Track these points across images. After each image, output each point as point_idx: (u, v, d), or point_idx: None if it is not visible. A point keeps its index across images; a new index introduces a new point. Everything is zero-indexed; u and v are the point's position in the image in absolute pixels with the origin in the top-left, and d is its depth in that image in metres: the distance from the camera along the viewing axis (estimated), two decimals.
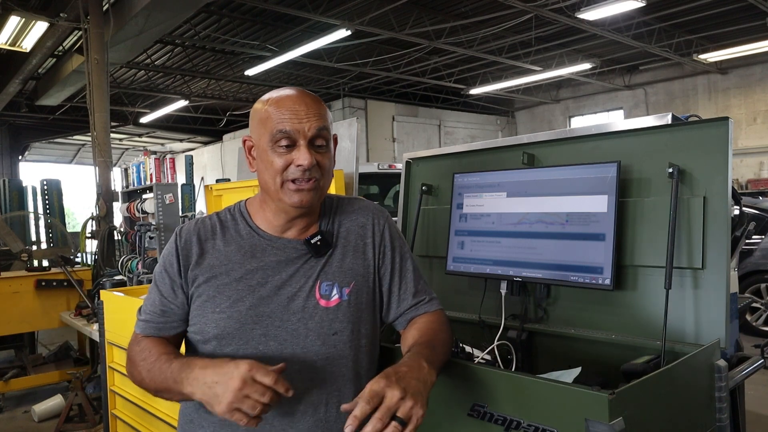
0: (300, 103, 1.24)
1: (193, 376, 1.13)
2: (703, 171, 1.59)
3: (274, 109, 1.24)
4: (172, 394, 1.20)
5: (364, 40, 11.09)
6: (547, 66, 13.14)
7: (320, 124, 1.24)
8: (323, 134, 1.25)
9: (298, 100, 1.24)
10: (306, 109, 1.23)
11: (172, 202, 4.76)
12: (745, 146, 13.81)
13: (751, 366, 1.64)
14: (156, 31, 8.39)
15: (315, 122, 1.23)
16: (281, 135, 1.22)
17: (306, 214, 1.30)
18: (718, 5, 10.39)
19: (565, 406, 1.13)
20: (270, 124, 1.23)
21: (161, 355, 1.23)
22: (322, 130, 1.24)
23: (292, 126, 1.22)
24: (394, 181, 7.00)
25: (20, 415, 4.56)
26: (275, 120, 1.23)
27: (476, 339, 1.97)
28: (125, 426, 2.83)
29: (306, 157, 1.21)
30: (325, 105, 1.30)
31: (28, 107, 14.32)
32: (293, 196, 1.24)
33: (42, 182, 7.87)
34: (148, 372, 1.23)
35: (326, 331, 1.27)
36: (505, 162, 2.06)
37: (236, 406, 1.06)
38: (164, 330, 1.30)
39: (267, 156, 1.24)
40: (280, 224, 1.31)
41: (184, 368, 1.15)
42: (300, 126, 1.22)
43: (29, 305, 4.71)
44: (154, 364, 1.22)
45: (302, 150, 1.22)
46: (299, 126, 1.22)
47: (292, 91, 1.27)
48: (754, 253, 6.45)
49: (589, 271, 1.67)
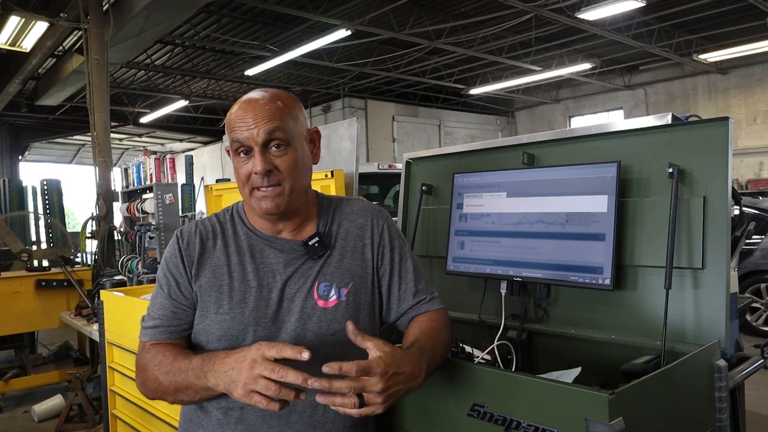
0: (249, 110, 1.22)
1: (216, 367, 1.12)
2: (703, 171, 1.59)
3: (231, 118, 1.25)
4: (195, 391, 1.17)
5: (364, 40, 11.09)
6: (547, 66, 13.14)
7: (270, 127, 1.21)
8: (276, 135, 1.22)
9: (246, 106, 1.23)
10: (254, 114, 1.21)
11: (172, 202, 4.76)
12: (745, 146, 13.82)
13: (751, 366, 1.64)
14: (156, 31, 8.39)
15: (264, 126, 1.21)
16: (237, 144, 1.23)
17: (289, 216, 1.30)
18: (718, 5, 10.39)
19: (565, 406, 1.13)
20: (229, 134, 1.25)
21: (178, 356, 1.21)
22: (274, 131, 1.21)
23: (241, 134, 1.22)
24: (394, 181, 7.00)
25: (20, 415, 4.56)
26: (230, 130, 1.24)
27: (476, 339, 1.97)
28: (125, 426, 2.83)
29: (258, 163, 1.21)
30: (288, 101, 1.26)
31: (28, 107, 14.31)
32: (261, 203, 1.24)
33: (42, 182, 7.88)
34: (167, 374, 1.20)
35: (324, 332, 1.27)
36: (505, 162, 2.06)
37: (251, 388, 1.04)
38: (176, 333, 1.28)
39: (234, 164, 1.26)
40: (269, 227, 1.32)
41: (206, 362, 1.15)
42: (249, 133, 1.21)
43: (29, 305, 4.71)
44: (173, 365, 1.20)
45: (256, 156, 1.21)
46: (248, 133, 1.21)
47: (248, 96, 1.27)
48: (754, 253, 6.45)
49: (589, 271, 1.67)
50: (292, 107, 1.26)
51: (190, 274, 1.28)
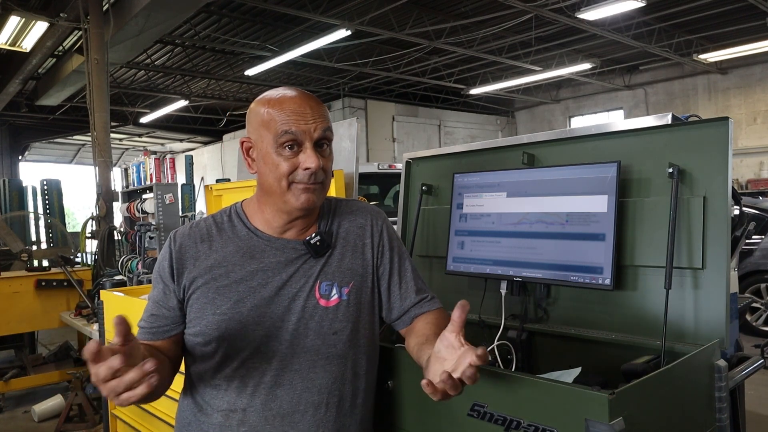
0: (305, 105, 1.23)
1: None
2: (703, 171, 1.59)
3: (277, 110, 1.22)
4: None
5: (364, 40, 11.09)
6: (547, 66, 13.14)
7: (325, 125, 1.24)
8: (327, 135, 1.25)
9: (302, 101, 1.23)
10: (311, 111, 1.23)
11: (172, 202, 4.77)
12: (745, 146, 13.82)
13: (751, 366, 1.64)
14: (156, 31, 8.39)
15: (321, 123, 1.23)
16: (287, 137, 1.21)
17: (307, 214, 1.30)
18: (718, 5, 10.39)
19: (565, 406, 1.13)
20: (273, 126, 1.22)
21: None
22: (327, 131, 1.25)
23: (298, 127, 1.21)
24: (394, 181, 7.00)
25: (20, 415, 4.56)
26: (279, 121, 1.21)
27: (476, 339, 1.97)
28: (125, 426, 2.83)
29: (314, 160, 1.21)
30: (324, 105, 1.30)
31: (28, 107, 14.31)
32: (300, 196, 1.23)
33: (42, 182, 7.88)
34: None
35: (326, 331, 1.27)
36: (505, 162, 2.06)
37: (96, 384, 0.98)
38: (157, 334, 1.28)
39: (271, 158, 1.23)
40: (280, 225, 1.30)
41: None
42: (306, 127, 1.21)
43: (29, 305, 4.71)
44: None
45: (309, 153, 1.21)
46: (305, 127, 1.21)
47: (293, 92, 1.26)
48: (754, 253, 6.45)
49: (589, 271, 1.67)
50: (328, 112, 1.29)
51: (179, 279, 1.28)
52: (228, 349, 1.24)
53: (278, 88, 1.29)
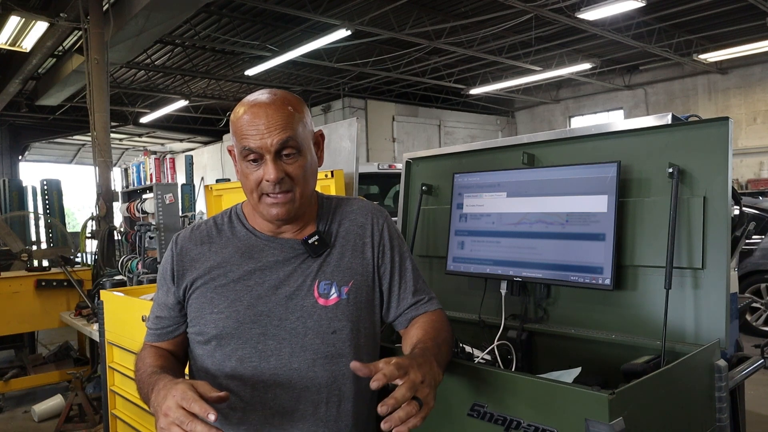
0: (260, 117, 1.20)
1: (153, 396, 1.10)
2: (703, 171, 1.59)
3: (238, 124, 1.22)
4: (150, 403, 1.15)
5: (364, 40, 11.09)
6: (547, 66, 13.14)
7: (283, 137, 1.20)
8: (289, 144, 1.21)
9: (259, 112, 1.20)
10: (267, 122, 1.19)
11: (172, 202, 4.76)
12: (745, 146, 13.81)
13: (751, 366, 1.64)
14: (156, 31, 8.39)
15: (277, 135, 1.20)
16: (247, 152, 1.21)
17: (293, 219, 1.30)
18: (718, 5, 10.39)
19: (565, 406, 1.13)
20: (238, 140, 1.23)
21: (149, 367, 1.23)
22: (288, 141, 1.21)
23: (254, 143, 1.20)
24: (394, 181, 7.00)
25: (20, 415, 4.56)
26: (240, 136, 1.22)
27: (476, 339, 1.97)
28: (125, 426, 2.83)
29: (271, 172, 1.20)
30: (297, 105, 1.25)
31: (28, 107, 14.31)
32: (270, 209, 1.24)
33: (42, 182, 7.87)
34: (138, 382, 1.26)
35: (325, 330, 1.27)
36: (505, 162, 2.06)
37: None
38: (162, 336, 1.34)
39: (242, 170, 1.25)
40: (271, 227, 1.32)
41: (154, 387, 1.13)
42: (262, 142, 1.19)
43: (29, 305, 4.71)
44: (142, 376, 1.23)
45: (268, 165, 1.20)
46: (261, 142, 1.19)
47: (260, 98, 1.23)
48: (754, 253, 6.45)
49: (589, 271, 1.67)
50: (301, 112, 1.25)
51: (179, 281, 1.31)
52: (227, 347, 1.25)
53: (254, 93, 1.27)
